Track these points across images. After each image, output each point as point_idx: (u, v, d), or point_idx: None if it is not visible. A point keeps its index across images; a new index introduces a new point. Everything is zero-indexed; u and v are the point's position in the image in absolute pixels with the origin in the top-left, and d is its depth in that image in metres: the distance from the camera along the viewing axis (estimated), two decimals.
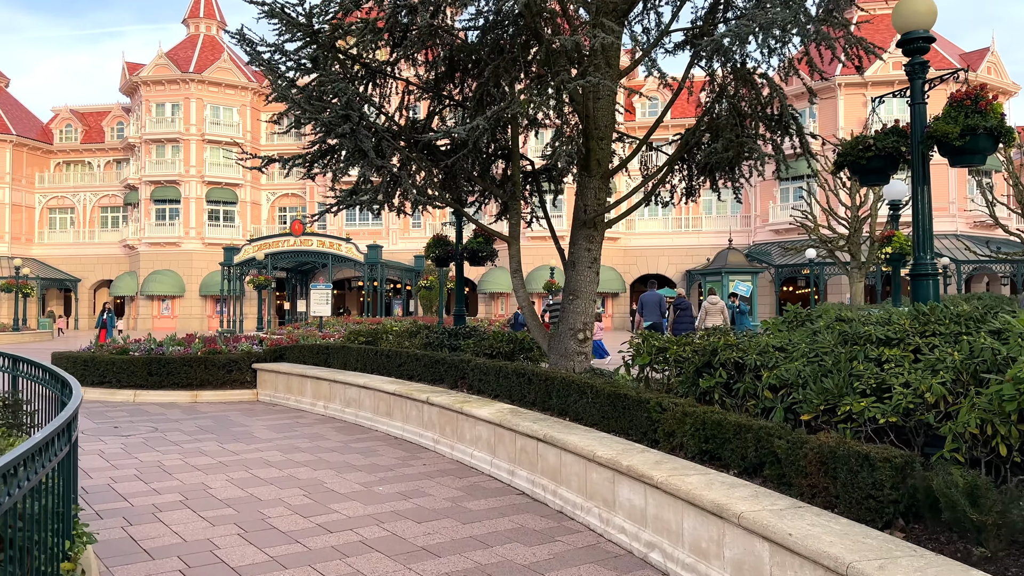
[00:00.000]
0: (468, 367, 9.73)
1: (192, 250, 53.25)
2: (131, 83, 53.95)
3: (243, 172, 54.53)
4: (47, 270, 55.18)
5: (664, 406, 6.41)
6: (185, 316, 53.25)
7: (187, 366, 13.09)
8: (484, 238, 15.10)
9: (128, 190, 55.73)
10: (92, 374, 13.31)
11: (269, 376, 13.11)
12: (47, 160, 57.80)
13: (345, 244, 46.39)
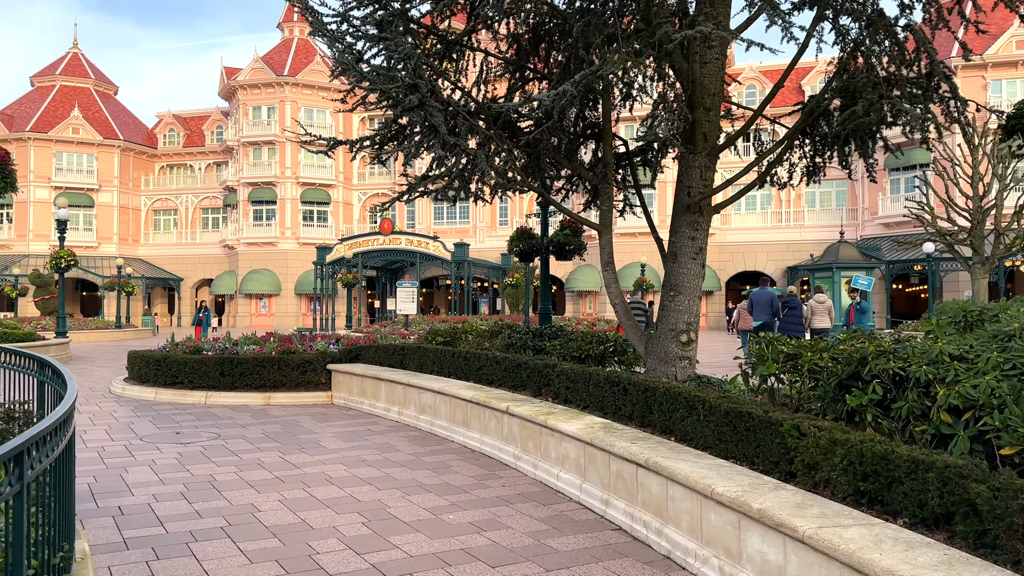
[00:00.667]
0: (553, 373, 8.49)
1: (288, 250, 54.00)
2: (229, 87, 55.16)
3: (335, 173, 55.02)
4: (152, 270, 57.07)
5: (803, 430, 5.00)
6: (281, 314, 54.05)
7: (260, 366, 12.35)
8: (571, 230, 13.82)
9: (227, 192, 57.05)
10: (164, 374, 12.75)
11: (343, 378, 12.23)
12: (152, 164, 59.82)
13: (433, 242, 45.94)
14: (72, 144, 54.61)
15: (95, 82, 58.55)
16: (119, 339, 35.78)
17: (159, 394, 12.48)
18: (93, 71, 59.31)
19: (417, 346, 11.47)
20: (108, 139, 55.45)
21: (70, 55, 58.93)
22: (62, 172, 54.75)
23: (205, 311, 26.47)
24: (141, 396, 12.67)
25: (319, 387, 12.56)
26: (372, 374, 11.40)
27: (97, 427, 9.92)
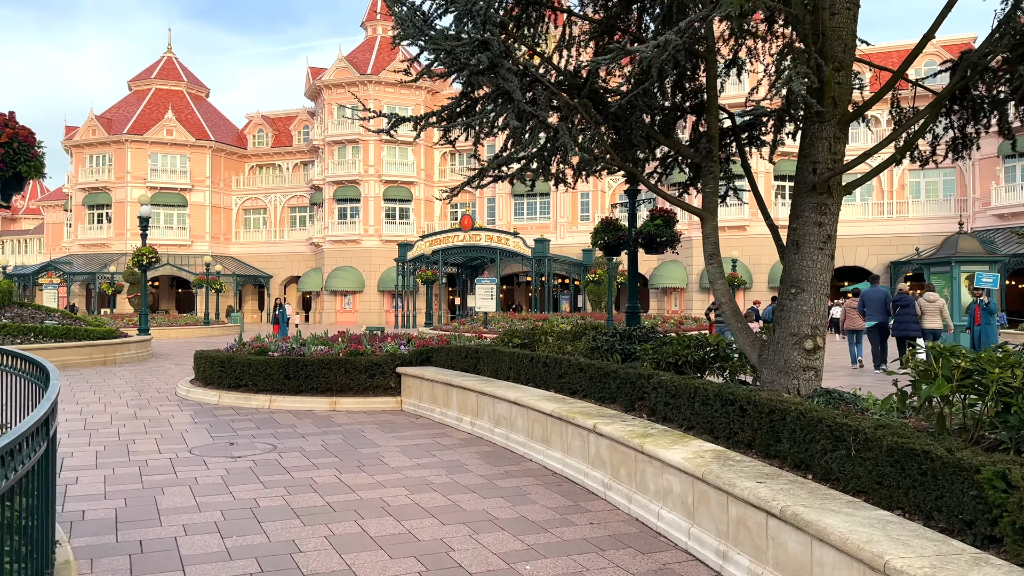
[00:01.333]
0: (649, 384, 7.14)
1: (371, 247, 53.99)
2: (314, 87, 55.52)
3: (417, 170, 54.69)
4: (242, 267, 58.08)
5: (1012, 480, 3.53)
6: (365, 311, 54.11)
7: (326, 369, 11.42)
8: (663, 219, 12.36)
9: (313, 190, 57.54)
10: (228, 376, 11.98)
11: (413, 383, 11.16)
12: (242, 164, 60.91)
13: (513, 238, 44.90)
14: (166, 145, 56.05)
15: (188, 85, 59.99)
16: (206, 335, 36.11)
17: (222, 397, 11.71)
18: (186, 74, 60.81)
19: (492, 349, 10.28)
20: (200, 140, 56.68)
21: (164, 59, 60.59)
22: (157, 173, 56.27)
23: (282, 308, 25.95)
24: (204, 399, 11.95)
25: (388, 392, 11.54)
26: (443, 379, 10.28)
27: (149, 436, 9.12)
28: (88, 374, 16.51)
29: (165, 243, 56.18)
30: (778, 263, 44.37)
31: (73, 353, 18.12)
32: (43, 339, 17.89)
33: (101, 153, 56.57)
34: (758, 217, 45.11)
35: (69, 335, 18.50)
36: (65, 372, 16.94)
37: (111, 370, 17.52)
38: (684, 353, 8.73)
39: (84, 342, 18.50)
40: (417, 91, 54.46)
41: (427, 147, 55.33)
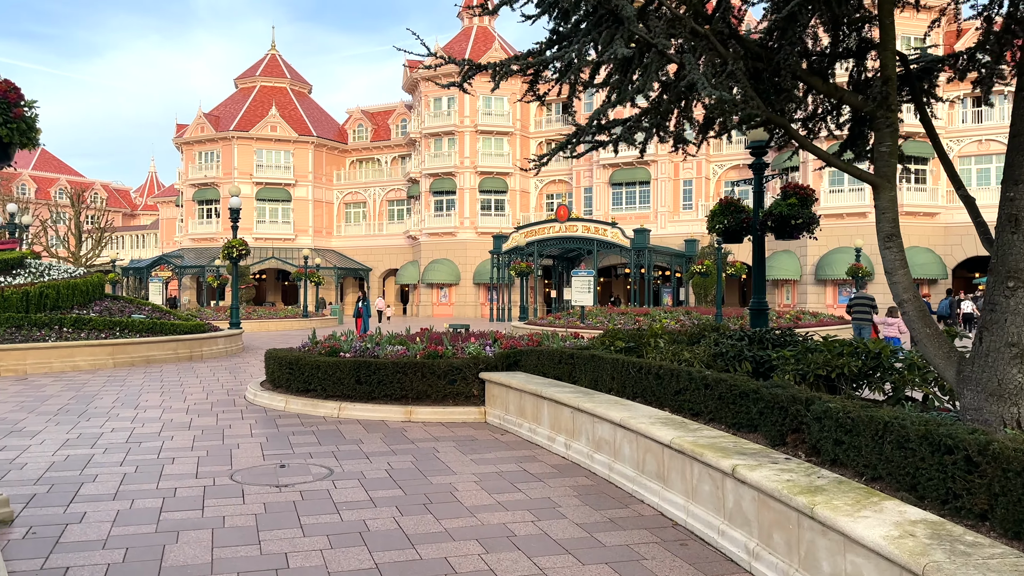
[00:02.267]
0: (809, 413, 5.19)
1: (466, 239, 53.00)
2: (411, 80, 54.92)
3: (512, 161, 53.23)
4: (343, 260, 58.28)
5: None
6: (460, 304, 53.21)
7: (401, 373, 9.91)
8: (798, 198, 10.20)
9: (410, 183, 57.05)
10: (296, 380, 10.66)
11: (498, 391, 9.49)
12: (343, 159, 61.13)
13: (611, 229, 42.77)
14: (270, 141, 56.74)
15: (291, 81, 60.62)
16: (303, 328, 35.78)
17: (289, 403, 10.40)
18: (289, 71, 61.49)
19: (590, 354, 8.48)
20: (303, 136, 57.10)
21: (268, 57, 61.44)
22: (262, 168, 57.06)
23: (364, 301, 24.69)
24: (270, 405, 10.67)
25: (470, 400, 9.92)
26: (532, 389, 8.55)
27: (193, 454, 7.81)
28: (168, 371, 15.72)
29: (270, 237, 56.96)
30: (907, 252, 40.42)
31: (158, 348, 17.47)
32: (129, 333, 17.31)
33: (209, 150, 57.85)
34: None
35: (155, 329, 17.88)
36: (148, 368, 16.26)
37: (193, 367, 16.73)
38: (838, 364, 6.72)
39: (169, 337, 17.84)
40: (513, 80, 52.94)
41: (523, 137, 53.80)
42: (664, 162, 48.92)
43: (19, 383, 13.46)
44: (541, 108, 54.80)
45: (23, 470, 6.97)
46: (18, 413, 10.00)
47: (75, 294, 17.99)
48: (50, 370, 15.25)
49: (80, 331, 16.62)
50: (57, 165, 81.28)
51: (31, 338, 15.53)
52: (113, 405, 10.76)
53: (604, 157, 49.65)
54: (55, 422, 9.34)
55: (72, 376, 14.53)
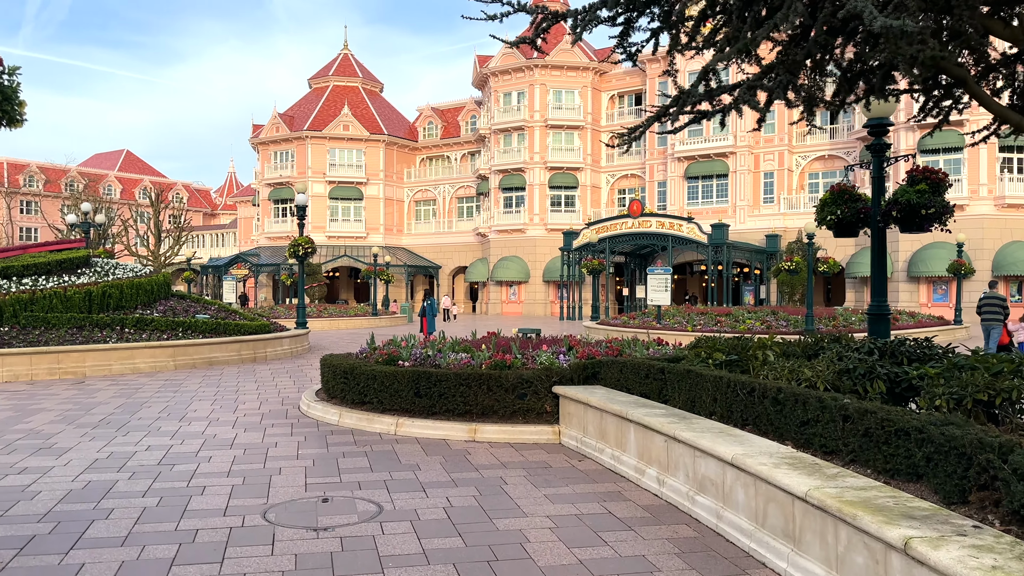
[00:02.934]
0: (1009, 465, 3.75)
1: (536, 236, 51.83)
2: (481, 76, 54.07)
3: (583, 156, 51.82)
4: (413, 258, 57.93)
5: None
6: (530, 301, 52.09)
7: (464, 386, 8.74)
8: (928, 184, 8.56)
9: (480, 180, 56.25)
10: (351, 390, 9.62)
11: (575, 408, 8.22)
12: (413, 157, 60.78)
13: (686, 224, 40.85)
14: (343, 140, 56.78)
15: (363, 80, 60.60)
16: (372, 326, 35.23)
17: (343, 416, 9.37)
18: (361, 70, 61.49)
19: (685, 369, 7.11)
20: (374, 134, 56.96)
21: (341, 56, 61.57)
22: (335, 167, 57.17)
23: (431, 301, 23.57)
24: (324, 418, 9.67)
25: (542, 418, 8.68)
26: (615, 409, 7.24)
27: (227, 481, 6.81)
28: (228, 375, 15.02)
29: (342, 235, 57.05)
30: (1005, 247, 37.19)
31: (220, 349, 16.85)
32: (191, 334, 16.74)
33: (284, 150, 58.31)
34: (979, 195, 38.15)
35: (219, 330, 17.28)
36: (208, 371, 15.62)
37: (254, 369, 16.01)
38: (1004, 386, 5.23)
39: (232, 338, 17.20)
40: (584, 72, 51.49)
41: (594, 131, 52.21)
42: (744, 154, 46.65)
43: (74, 387, 12.91)
44: (613, 101, 53.14)
45: (33, 501, 6.08)
46: (57, 425, 9.26)
47: (139, 293, 17.56)
48: (109, 372, 14.74)
49: (142, 332, 16.13)
50: (141, 167, 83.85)
51: (92, 339, 15.07)
52: (159, 416, 9.95)
53: (680, 149, 47.71)
54: (90, 437, 8.54)
55: (129, 380, 13.95)
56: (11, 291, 15.24)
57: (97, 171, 77.71)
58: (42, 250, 17.98)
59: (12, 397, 11.65)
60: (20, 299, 15.07)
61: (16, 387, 12.87)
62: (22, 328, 14.92)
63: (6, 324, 14.90)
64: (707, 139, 47.19)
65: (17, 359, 13.78)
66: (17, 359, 13.78)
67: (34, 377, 13.90)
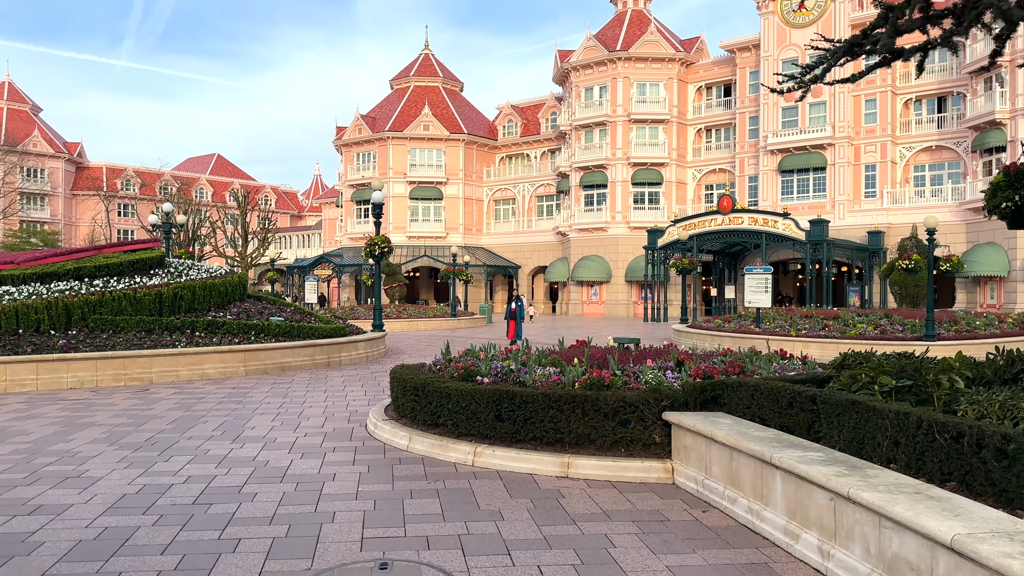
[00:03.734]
0: None
1: (618, 235, 49.88)
2: (562, 71, 52.49)
3: (668, 151, 49.55)
4: (492, 257, 56.86)
5: None
6: (612, 302, 50.20)
7: (554, 409, 7.24)
8: None
9: (560, 178, 54.70)
10: (423, 410, 8.26)
11: (694, 441, 6.60)
12: (492, 155, 59.73)
13: (782, 220, 38.21)
14: (423, 140, 56.21)
15: (443, 80, 59.95)
16: (451, 328, 34.20)
17: (413, 441, 8.01)
18: (441, 70, 60.86)
19: (848, 400, 5.41)
20: (454, 134, 56.18)
21: (422, 57, 61.09)
22: (415, 168, 56.67)
23: (519, 302, 22.05)
24: (392, 441, 8.33)
25: (650, 451, 7.08)
26: (753, 450, 5.59)
27: (270, 530, 5.51)
28: (298, 382, 13.99)
29: (422, 235, 56.50)
30: None
31: (293, 354, 15.89)
32: (265, 338, 15.84)
33: (366, 151, 58.22)
34: None
35: (292, 333, 16.33)
36: (279, 377, 14.65)
37: (327, 376, 14.95)
38: None
39: (306, 342, 16.23)
40: (669, 64, 49.21)
41: (680, 124, 49.85)
42: (843, 145, 43.52)
43: (135, 396, 12.07)
44: (700, 92, 50.65)
45: (30, 557, 4.91)
46: (98, 445, 8.25)
47: (212, 295, 16.80)
48: (176, 379, 13.93)
49: (213, 335, 15.30)
50: (232, 170, 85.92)
51: (160, 343, 14.30)
52: (211, 435, 8.84)
53: (773, 142, 44.93)
54: (127, 463, 7.44)
55: (195, 388, 13.07)
56: (80, 292, 14.63)
57: (189, 174, 79.96)
58: (117, 251, 17.48)
59: (67, 408, 10.84)
60: (88, 301, 14.44)
61: (78, 395, 12.12)
62: (90, 331, 14.28)
63: (75, 327, 14.29)
64: (803, 130, 44.26)
65: (82, 364, 13.08)
66: (82, 364, 13.08)
67: (99, 383, 13.18)
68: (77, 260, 16.28)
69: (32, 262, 16.41)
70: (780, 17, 45.50)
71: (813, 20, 44.74)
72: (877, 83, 43.27)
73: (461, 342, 24.70)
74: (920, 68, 6.03)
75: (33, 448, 8.06)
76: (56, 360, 12.90)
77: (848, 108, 43.63)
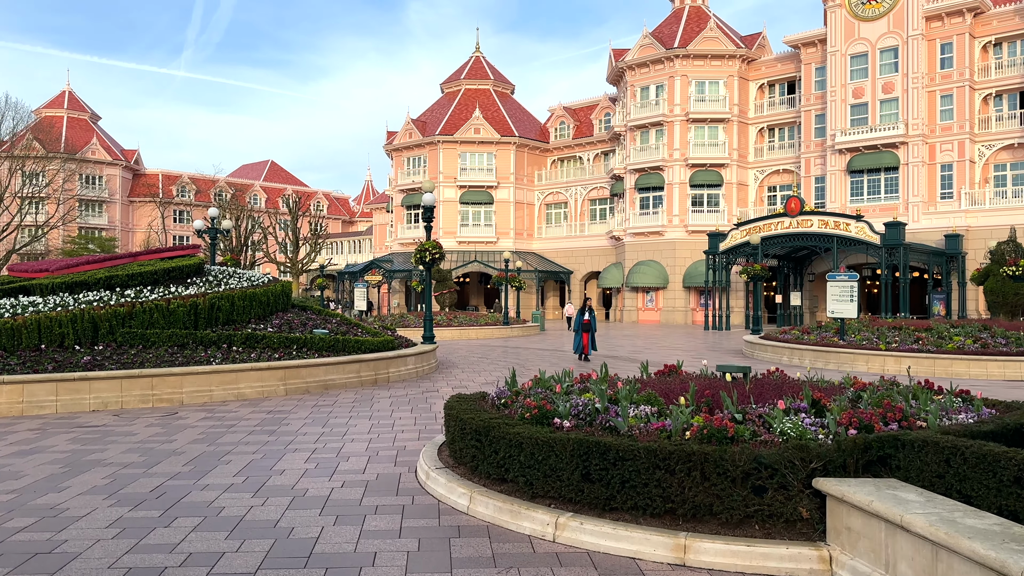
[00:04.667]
0: None
1: (675, 239, 47.61)
2: (617, 70, 50.52)
3: (728, 151, 47.17)
4: (544, 263, 55.13)
5: None
6: (668, 309, 47.94)
7: (662, 470, 5.46)
8: None
9: (614, 180, 52.69)
10: (487, 460, 6.54)
11: (864, 524, 4.74)
12: (544, 159, 58.03)
13: (855, 223, 35.63)
14: (474, 144, 54.83)
15: (494, 83, 58.52)
16: (504, 336, 32.54)
17: (475, 500, 6.30)
18: (492, 72, 59.43)
19: None
20: (505, 136, 54.68)
21: (472, 59, 59.77)
22: (465, 172, 55.32)
23: (591, 311, 19.68)
24: (448, 499, 6.62)
25: (794, 529, 5.24)
26: (981, 556, 3.72)
27: None
28: (341, 404, 12.45)
29: (473, 240, 55.08)
30: None
31: (337, 371, 14.39)
32: (306, 352, 14.38)
33: (417, 155, 57.11)
34: None
35: (337, 347, 14.85)
36: (321, 398, 13.14)
37: (373, 397, 13.40)
38: None
39: (351, 357, 14.72)
40: (730, 61, 46.83)
41: (741, 123, 47.39)
42: (917, 143, 40.60)
43: (159, 422, 10.66)
44: (762, 90, 48.14)
45: None
46: (92, 498, 6.73)
47: (252, 305, 15.42)
48: (210, 399, 12.52)
49: (251, 350, 13.90)
50: (285, 176, 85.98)
51: (194, 359, 12.93)
52: (231, 483, 7.27)
53: (841, 140, 42.22)
54: (119, 527, 5.89)
55: (228, 411, 11.63)
56: (109, 304, 13.34)
57: (244, 181, 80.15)
58: (152, 258, 16.26)
59: (79, 438, 9.44)
60: (117, 313, 13.14)
61: (99, 420, 10.77)
62: (118, 346, 12.98)
63: (101, 341, 13.00)
64: (873, 128, 41.45)
65: (106, 384, 11.75)
66: (106, 384, 11.75)
67: (124, 405, 11.83)
68: (109, 268, 15.06)
69: (65, 270, 15.27)
70: (848, 10, 42.76)
71: (884, 13, 41.90)
72: (954, 77, 40.25)
73: (518, 354, 23.01)
74: None
75: (15, 501, 6.60)
76: (77, 379, 11.58)
77: (922, 104, 40.70)
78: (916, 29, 40.62)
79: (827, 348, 20.31)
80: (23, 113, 52.55)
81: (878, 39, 41.79)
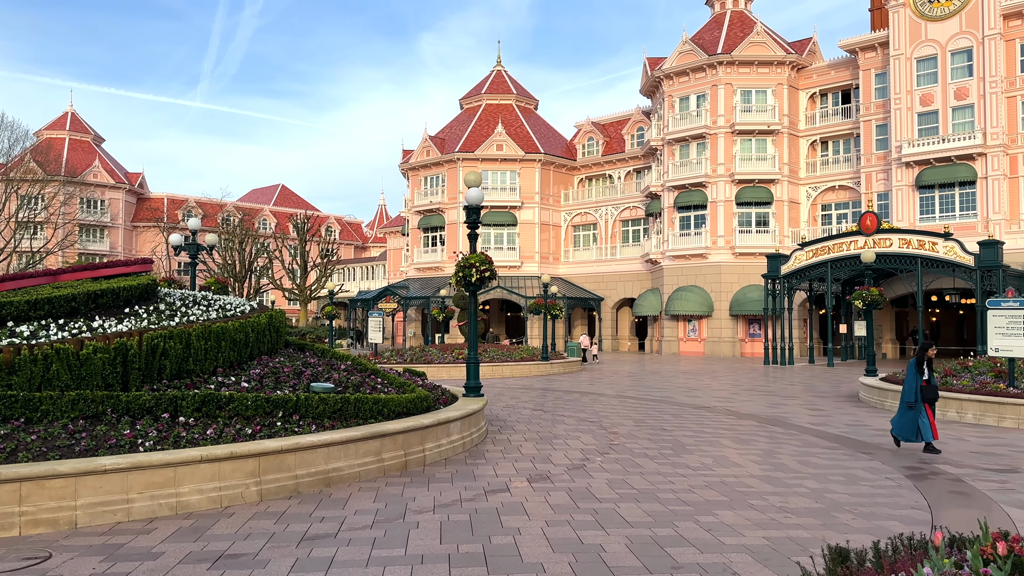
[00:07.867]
0: None
1: (720, 262, 42.08)
2: (652, 80, 45.39)
3: (778, 165, 41.79)
4: (572, 289, 49.64)
5: None
6: (714, 339, 42.24)
7: None
8: None
9: (649, 199, 47.33)
10: None
11: None
12: (571, 177, 52.84)
13: (943, 241, 30.05)
14: (496, 162, 49.72)
15: (516, 97, 53.57)
16: (544, 374, 26.98)
17: None
18: (515, 86, 54.50)
19: None
20: (529, 153, 49.56)
21: (494, 73, 54.90)
22: (487, 191, 50.09)
23: (929, 363, 10.03)
24: None
25: None
26: None
27: None
28: (351, 529, 6.92)
29: (495, 264, 49.74)
30: None
31: (346, 453, 8.87)
32: (298, 422, 8.89)
33: (435, 174, 52.06)
34: None
35: (346, 412, 9.36)
36: (317, 509, 7.60)
37: (404, 509, 7.85)
38: None
39: (368, 429, 9.22)
40: (779, 68, 41.66)
41: (791, 136, 42.10)
42: (996, 155, 35.15)
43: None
44: (814, 100, 42.88)
45: None
46: None
47: (221, 346, 9.91)
48: (127, 516, 7.03)
49: (210, 421, 8.42)
50: (296, 201, 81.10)
51: (105, 442, 7.47)
52: None
53: (908, 152, 36.80)
54: None
55: (143, 548, 6.16)
56: None
57: (252, 205, 75.27)
58: (79, 276, 10.87)
59: None
60: None
61: None
62: None
63: None
64: (945, 138, 36.07)
65: None
66: None
67: None
68: (3, 293, 9.64)
69: None
70: (912, 9, 37.59)
71: (955, 11, 36.69)
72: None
73: (578, 402, 17.33)
74: None
75: None
76: None
77: (1002, 111, 35.33)
78: (993, 28, 35.41)
79: (995, 398, 14.76)
80: (20, 133, 47.86)
81: (948, 40, 36.58)
